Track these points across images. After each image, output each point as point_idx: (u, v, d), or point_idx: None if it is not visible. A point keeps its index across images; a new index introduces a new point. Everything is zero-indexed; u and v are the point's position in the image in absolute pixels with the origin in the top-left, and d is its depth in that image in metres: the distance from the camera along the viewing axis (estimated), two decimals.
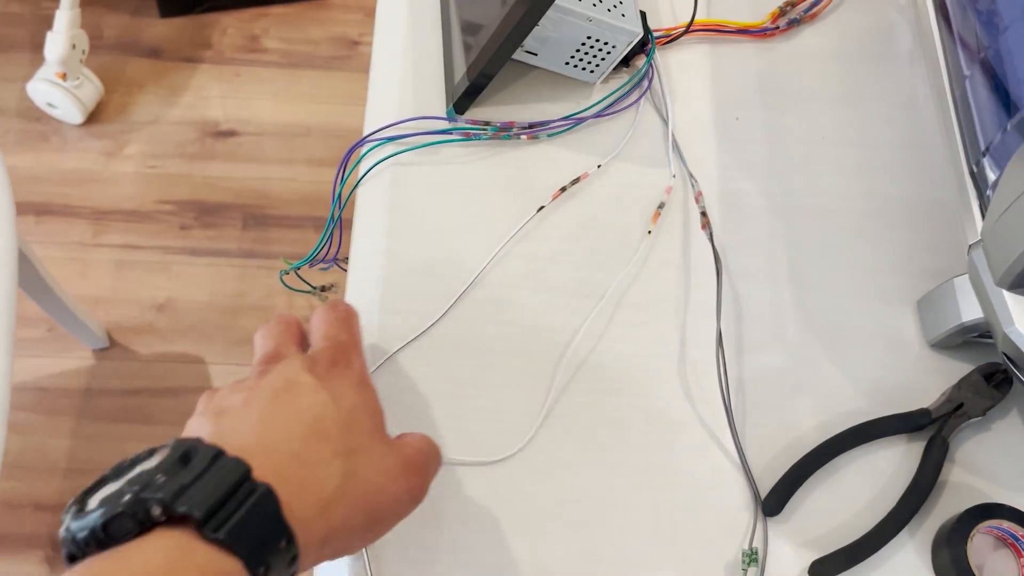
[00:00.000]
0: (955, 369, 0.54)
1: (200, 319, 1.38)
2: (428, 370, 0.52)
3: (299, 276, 0.60)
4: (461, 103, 0.57)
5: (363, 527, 0.37)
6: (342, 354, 0.41)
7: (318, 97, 1.56)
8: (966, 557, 0.46)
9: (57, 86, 1.43)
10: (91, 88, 1.48)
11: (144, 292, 1.39)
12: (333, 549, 0.36)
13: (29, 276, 1.10)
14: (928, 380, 0.53)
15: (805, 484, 0.50)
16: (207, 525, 0.30)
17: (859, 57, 0.64)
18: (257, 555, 0.31)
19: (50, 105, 1.47)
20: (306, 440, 0.36)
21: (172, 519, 0.30)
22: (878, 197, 0.59)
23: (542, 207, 0.57)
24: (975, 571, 0.46)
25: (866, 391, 0.53)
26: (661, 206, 0.57)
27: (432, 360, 0.52)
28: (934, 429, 0.51)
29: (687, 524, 0.49)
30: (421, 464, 0.40)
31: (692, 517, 0.49)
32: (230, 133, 1.52)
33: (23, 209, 1.44)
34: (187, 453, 0.32)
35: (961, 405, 0.51)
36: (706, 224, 0.55)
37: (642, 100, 0.61)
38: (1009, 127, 0.42)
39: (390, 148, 0.58)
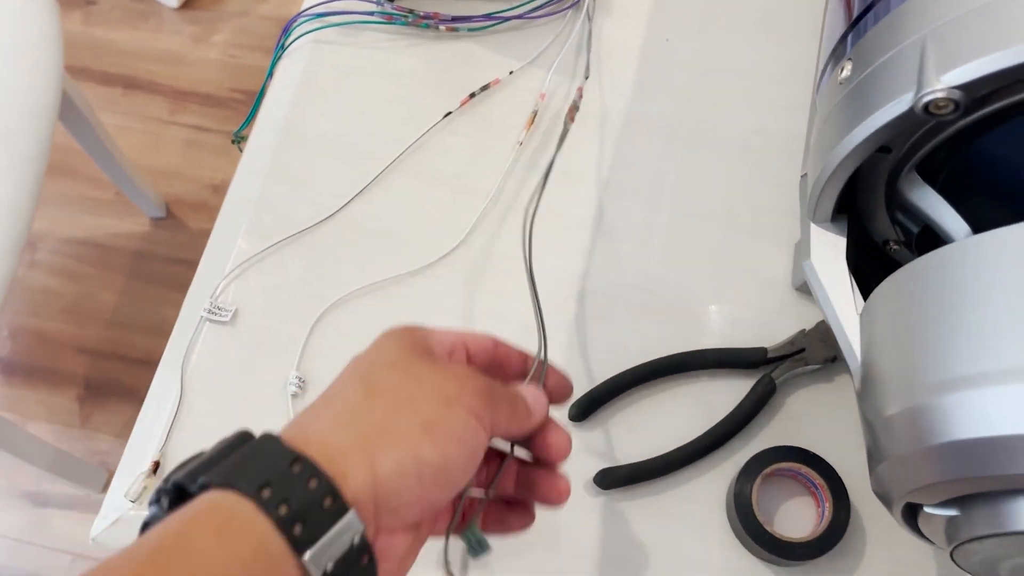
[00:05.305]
0: (817, 316, 0.52)
1: None
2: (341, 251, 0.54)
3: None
4: None
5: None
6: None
7: None
8: (750, 492, 0.45)
9: None
10: None
11: (204, 172, 1.48)
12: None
13: (93, 142, 1.18)
14: (787, 323, 0.52)
15: (625, 401, 0.50)
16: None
17: None
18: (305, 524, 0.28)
19: None
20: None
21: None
22: (789, 136, 0.57)
23: (449, 113, 0.57)
24: (754, 505, 0.45)
25: (721, 323, 0.52)
26: (535, 114, 0.57)
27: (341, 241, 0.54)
28: (769, 369, 0.50)
29: None
30: None
31: None
32: None
33: (113, 80, 1.54)
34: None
35: (802, 351, 0.50)
36: (572, 118, 0.54)
37: (573, 8, 0.60)
38: (832, 54, 0.40)
39: (316, 24, 0.60)
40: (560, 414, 0.50)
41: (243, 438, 0.31)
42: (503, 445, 0.38)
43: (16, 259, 0.96)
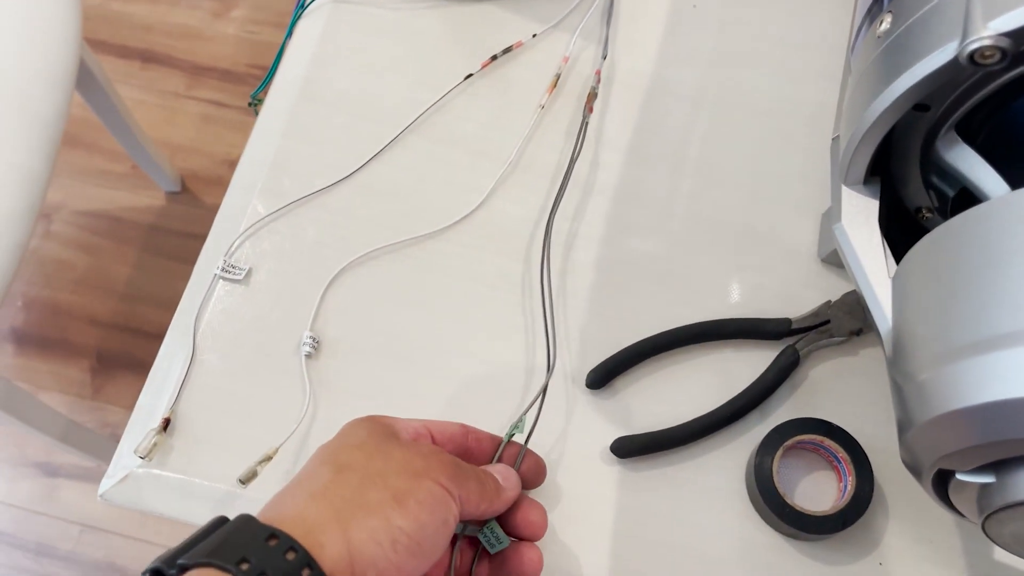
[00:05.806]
0: (843, 288, 0.50)
1: None
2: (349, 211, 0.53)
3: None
4: None
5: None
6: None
7: None
8: (771, 464, 0.44)
9: None
10: None
11: (220, 147, 1.47)
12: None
13: (110, 114, 1.17)
14: (811, 295, 0.50)
15: (644, 370, 0.49)
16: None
17: None
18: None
19: None
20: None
21: None
22: (816, 105, 0.55)
23: (470, 75, 0.56)
24: (775, 477, 0.44)
25: (744, 293, 0.51)
26: (557, 78, 0.56)
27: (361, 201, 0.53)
28: (793, 341, 0.48)
29: (498, 381, 0.49)
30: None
31: (488, 380, 0.49)
32: None
33: (131, 54, 1.54)
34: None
35: (827, 322, 0.48)
36: (591, 109, 0.54)
37: None
38: (866, 20, 0.39)
39: None
40: (577, 382, 0.49)
41: (218, 523, 0.32)
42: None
43: (31, 226, 0.95)
